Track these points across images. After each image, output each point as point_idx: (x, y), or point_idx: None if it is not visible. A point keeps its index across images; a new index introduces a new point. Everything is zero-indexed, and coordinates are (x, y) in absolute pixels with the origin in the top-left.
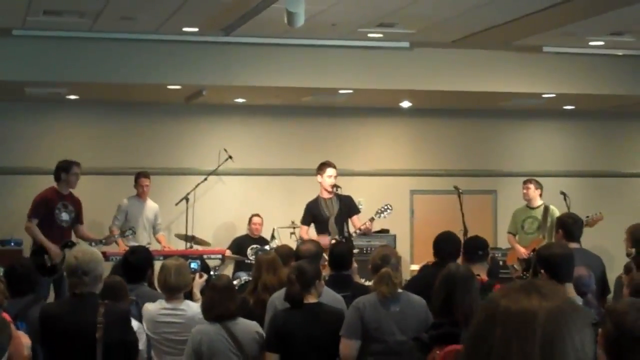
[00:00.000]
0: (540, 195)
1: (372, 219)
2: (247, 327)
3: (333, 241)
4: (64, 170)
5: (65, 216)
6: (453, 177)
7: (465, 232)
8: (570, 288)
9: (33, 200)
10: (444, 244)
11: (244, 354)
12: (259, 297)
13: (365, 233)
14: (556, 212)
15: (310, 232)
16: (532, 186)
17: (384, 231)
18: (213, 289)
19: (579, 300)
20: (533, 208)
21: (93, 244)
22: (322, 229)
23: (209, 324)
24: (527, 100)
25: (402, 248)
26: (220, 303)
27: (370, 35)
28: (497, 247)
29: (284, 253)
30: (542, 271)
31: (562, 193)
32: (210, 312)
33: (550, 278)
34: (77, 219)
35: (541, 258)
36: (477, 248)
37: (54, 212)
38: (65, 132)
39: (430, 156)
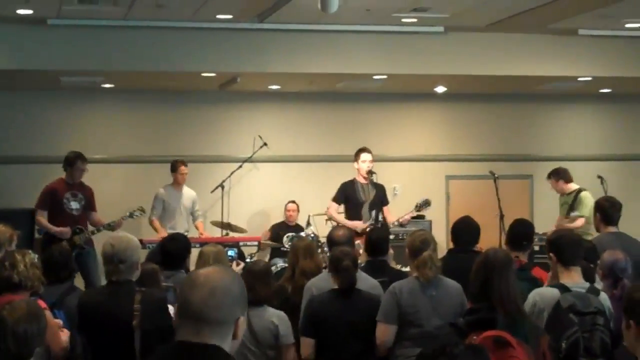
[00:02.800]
0: (567, 181)
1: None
2: (265, 315)
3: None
4: (69, 164)
5: (74, 205)
6: (489, 162)
7: (502, 217)
8: (577, 272)
9: (41, 191)
10: (462, 231)
11: (257, 342)
12: (297, 283)
13: (402, 225)
14: (587, 196)
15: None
16: (552, 181)
17: (420, 217)
18: (247, 273)
19: (584, 287)
20: (567, 194)
21: (101, 228)
22: (355, 213)
23: None
24: (563, 84)
25: (438, 234)
26: (252, 287)
27: (404, 20)
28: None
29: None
30: (551, 254)
31: (599, 177)
32: None
33: (558, 261)
34: (89, 206)
35: (549, 242)
36: (522, 239)
37: (63, 202)
38: (101, 120)
39: (465, 141)
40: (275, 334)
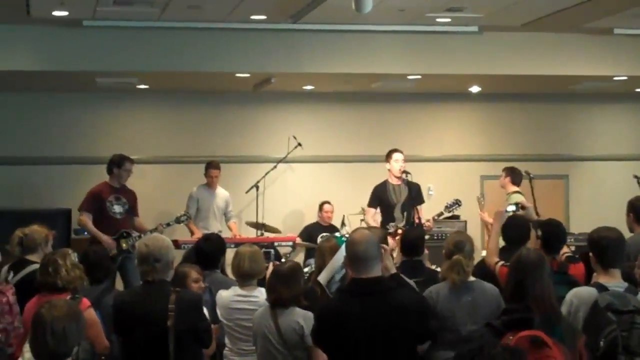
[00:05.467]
0: (512, 182)
1: (440, 214)
2: (292, 316)
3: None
4: (117, 165)
5: (117, 208)
6: (524, 162)
7: (538, 217)
8: (616, 273)
9: (86, 194)
10: (512, 230)
11: (284, 342)
12: None
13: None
14: (514, 197)
15: (377, 217)
16: (502, 175)
17: (455, 217)
18: (273, 274)
19: (622, 286)
20: (507, 194)
21: (142, 235)
22: (387, 215)
23: (267, 307)
24: (598, 83)
25: (473, 234)
26: (275, 289)
27: (438, 19)
28: (570, 232)
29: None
30: (591, 254)
31: (635, 177)
32: (268, 296)
33: (597, 262)
34: (132, 211)
35: (590, 241)
36: (559, 242)
37: (106, 205)
38: (136, 121)
39: (500, 141)
40: (300, 334)
